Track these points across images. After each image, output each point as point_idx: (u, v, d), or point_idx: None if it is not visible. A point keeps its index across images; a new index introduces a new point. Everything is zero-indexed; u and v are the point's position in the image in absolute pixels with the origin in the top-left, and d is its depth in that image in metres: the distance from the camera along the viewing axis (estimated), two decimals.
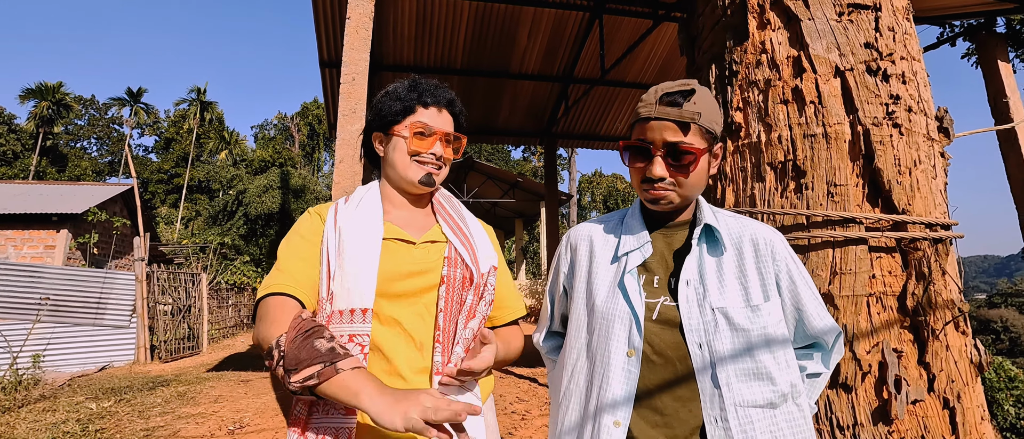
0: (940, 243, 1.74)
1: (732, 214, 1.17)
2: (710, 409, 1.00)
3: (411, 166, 1.21)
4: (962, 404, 1.67)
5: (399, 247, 1.17)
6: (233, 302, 14.03)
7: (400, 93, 1.23)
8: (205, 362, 9.07)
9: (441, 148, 1.23)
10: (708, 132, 1.07)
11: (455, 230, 1.24)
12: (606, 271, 1.15)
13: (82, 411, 5.12)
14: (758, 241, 1.10)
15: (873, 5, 1.84)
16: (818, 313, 1.11)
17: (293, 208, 19.96)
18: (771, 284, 1.07)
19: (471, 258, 1.20)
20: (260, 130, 53.12)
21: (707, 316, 1.04)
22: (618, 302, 1.09)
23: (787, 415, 1.02)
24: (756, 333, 1.02)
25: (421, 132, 1.20)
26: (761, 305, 1.04)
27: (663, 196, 1.09)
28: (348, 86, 3.81)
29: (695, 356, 1.02)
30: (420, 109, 1.22)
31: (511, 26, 6.29)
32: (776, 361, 1.03)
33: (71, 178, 36.74)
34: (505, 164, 40.03)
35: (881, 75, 1.78)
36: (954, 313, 1.72)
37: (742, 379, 1.01)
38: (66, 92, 41.20)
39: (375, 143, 1.28)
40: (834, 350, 1.15)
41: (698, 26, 2.29)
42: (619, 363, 1.05)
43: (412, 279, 1.14)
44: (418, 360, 1.11)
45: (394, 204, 1.26)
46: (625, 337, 1.06)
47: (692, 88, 1.07)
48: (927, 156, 1.80)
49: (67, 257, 13.29)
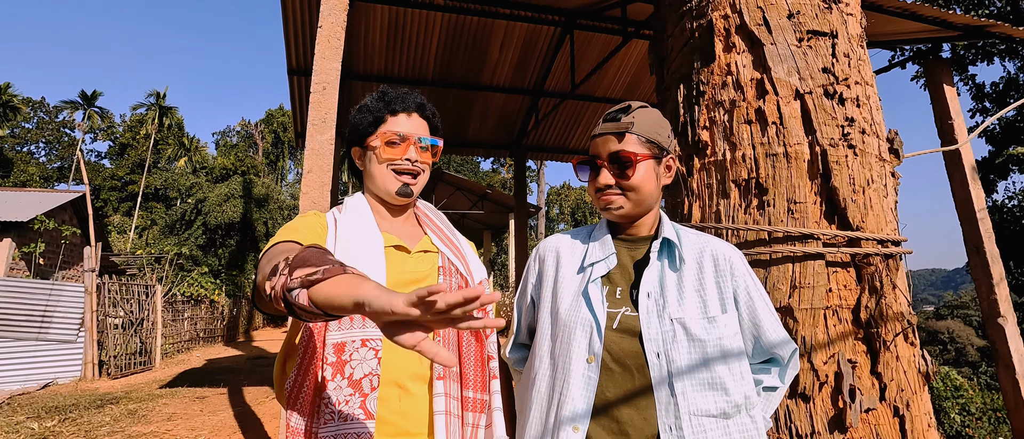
0: (891, 258, 1.83)
1: (694, 231, 1.24)
2: (665, 417, 1.03)
3: (387, 177, 1.22)
4: (911, 412, 1.75)
5: (397, 254, 1.19)
6: (189, 315, 13.51)
7: (371, 105, 1.24)
8: (158, 378, 8.69)
9: (415, 153, 1.23)
10: (649, 141, 1.16)
11: (445, 241, 1.27)
12: (571, 281, 1.20)
13: (22, 431, 4.82)
14: (718, 257, 1.16)
15: (830, 32, 1.95)
16: (774, 328, 1.17)
17: (255, 218, 19.42)
18: (729, 298, 1.13)
19: (465, 269, 1.23)
20: (222, 137, 51.64)
21: (666, 326, 1.08)
22: (581, 310, 1.13)
23: (739, 426, 1.06)
24: (712, 344, 1.07)
25: (392, 141, 1.21)
26: (718, 317, 1.09)
27: (611, 201, 1.17)
28: (318, 95, 3.75)
29: (653, 365, 1.06)
30: (389, 118, 1.23)
31: (483, 39, 6.33)
32: (731, 372, 1.07)
33: (16, 184, 34.83)
34: (474, 175, 40.01)
35: (837, 98, 1.88)
36: (904, 325, 1.81)
37: (697, 389, 1.04)
38: (13, 93, 39.18)
39: (355, 158, 1.29)
40: (789, 365, 1.20)
41: (667, 47, 2.36)
42: (579, 370, 1.09)
43: (411, 287, 1.15)
44: (417, 366, 1.11)
45: (381, 215, 1.27)
46: (586, 344, 1.10)
47: (628, 105, 1.21)
48: (879, 176, 1.90)
49: (10, 268, 12.56)
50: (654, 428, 1.03)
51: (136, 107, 43.04)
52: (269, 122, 47.71)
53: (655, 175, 1.18)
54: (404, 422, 1.07)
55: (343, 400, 1.01)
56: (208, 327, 14.63)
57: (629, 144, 1.16)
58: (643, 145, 1.16)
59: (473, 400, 1.13)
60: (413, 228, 1.30)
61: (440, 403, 1.07)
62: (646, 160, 1.16)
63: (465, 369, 1.14)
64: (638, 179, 1.15)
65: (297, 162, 47.55)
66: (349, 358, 1.04)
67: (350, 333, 1.06)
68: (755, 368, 1.21)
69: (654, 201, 1.20)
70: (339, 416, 1.00)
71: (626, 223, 1.22)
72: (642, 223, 1.22)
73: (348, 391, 1.02)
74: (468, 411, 1.12)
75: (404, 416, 1.07)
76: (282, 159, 47.40)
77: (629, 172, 1.15)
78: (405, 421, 1.07)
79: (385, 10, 5.62)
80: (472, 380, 1.14)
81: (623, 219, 1.20)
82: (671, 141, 1.21)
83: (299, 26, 5.44)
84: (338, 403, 1.01)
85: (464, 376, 1.14)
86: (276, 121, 47.15)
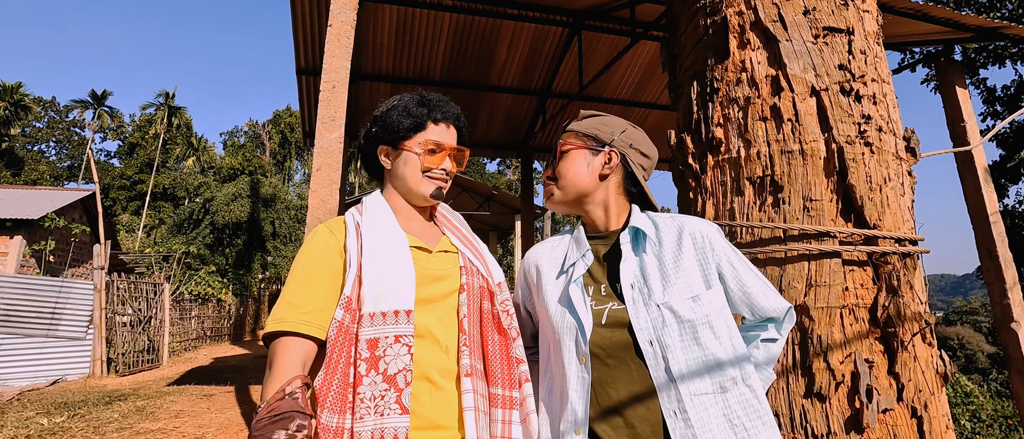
0: (908, 257, 1.81)
1: (668, 214, 1.26)
2: (668, 403, 1.04)
3: (423, 181, 1.25)
4: (929, 413, 1.73)
5: (419, 254, 1.21)
6: (196, 313, 13.58)
7: (411, 109, 1.26)
8: (165, 376, 8.73)
9: (450, 163, 1.29)
10: (586, 135, 1.25)
11: (463, 241, 1.30)
12: (554, 287, 1.23)
13: (32, 427, 4.85)
14: (695, 235, 1.18)
15: (847, 29, 1.93)
16: (764, 293, 1.19)
17: (263, 217, 19.50)
18: (712, 274, 1.14)
19: (485, 269, 1.26)
20: (230, 137, 51.98)
21: (654, 313, 1.09)
22: (566, 314, 1.15)
23: (739, 397, 1.07)
24: (701, 322, 1.08)
25: (433, 149, 1.25)
26: (702, 294, 1.10)
27: (547, 190, 1.30)
28: (328, 94, 3.76)
29: (647, 354, 1.07)
30: (430, 125, 1.26)
31: (491, 39, 6.34)
32: (722, 347, 1.08)
33: (27, 182, 35.16)
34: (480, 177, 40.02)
35: (854, 96, 1.85)
36: (921, 325, 1.79)
37: (693, 368, 1.06)
38: (25, 93, 39.58)
39: (381, 156, 1.31)
40: (786, 320, 1.24)
41: (680, 45, 2.35)
42: (574, 373, 1.11)
43: (436, 284, 1.18)
44: (445, 362, 1.13)
45: (402, 215, 1.29)
46: (574, 346, 1.12)
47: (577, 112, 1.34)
48: (896, 174, 1.88)
49: (21, 265, 12.67)
50: (658, 415, 1.04)
51: (145, 107, 43.40)
52: (276, 123, 47.97)
53: (585, 164, 1.24)
54: (436, 416, 1.09)
55: (379, 395, 1.02)
56: (215, 326, 14.69)
57: (566, 141, 1.27)
58: (578, 138, 1.26)
59: (502, 397, 1.14)
60: (432, 229, 1.33)
61: (469, 399, 1.09)
62: (577, 150, 1.25)
63: (491, 367, 1.16)
64: (563, 167, 1.25)
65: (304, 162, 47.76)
66: (383, 354, 1.06)
67: (383, 329, 1.08)
68: (752, 325, 1.26)
69: (588, 189, 1.24)
70: (375, 411, 1.01)
71: (584, 217, 1.29)
72: (604, 217, 1.26)
73: (383, 386, 1.03)
74: (497, 408, 1.13)
75: (436, 410, 1.09)
76: (289, 159, 47.63)
77: (558, 161, 1.27)
78: (437, 415, 1.09)
79: (393, 10, 5.64)
80: (500, 378, 1.15)
81: (560, 208, 1.29)
82: (617, 137, 1.26)
83: (308, 26, 5.46)
84: (374, 398, 1.02)
85: (491, 374, 1.16)
86: (283, 122, 47.39)
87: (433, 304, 1.17)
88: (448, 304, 1.19)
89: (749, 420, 1.05)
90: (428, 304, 1.16)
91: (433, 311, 1.16)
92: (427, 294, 1.16)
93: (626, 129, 1.27)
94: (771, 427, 1.07)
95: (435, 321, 1.15)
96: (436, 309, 1.17)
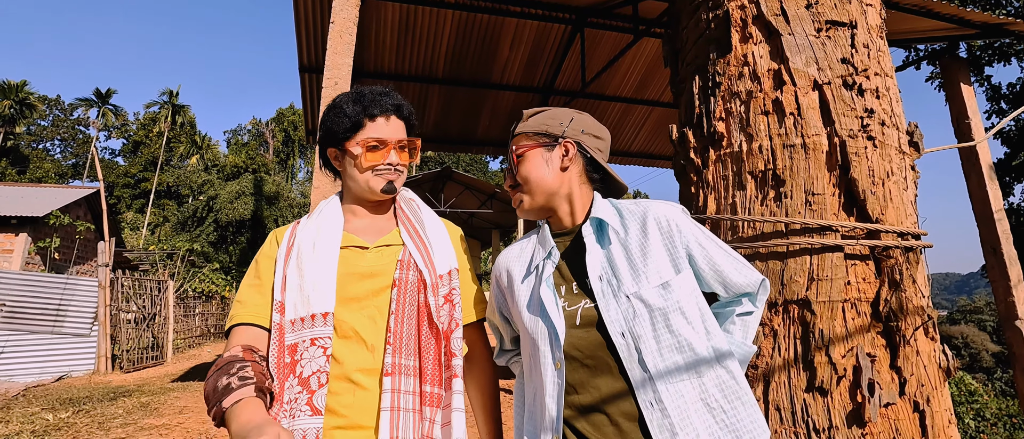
0: (911, 252, 1.80)
1: (633, 201, 1.24)
2: (644, 395, 1.02)
3: (372, 179, 1.23)
4: (932, 407, 1.72)
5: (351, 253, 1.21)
6: (200, 311, 13.64)
7: (346, 109, 1.23)
8: (169, 372, 8.77)
9: (396, 156, 1.25)
10: (536, 134, 1.21)
11: (412, 232, 1.26)
12: (525, 290, 1.20)
13: (37, 422, 4.88)
14: (660, 218, 1.16)
15: (849, 22, 1.92)
16: (737, 269, 1.18)
17: (266, 215, 19.56)
18: (681, 257, 1.12)
19: (425, 261, 1.21)
20: (233, 135, 52.08)
21: (624, 305, 1.07)
22: (539, 321, 1.13)
23: (715, 379, 1.05)
24: (672, 309, 1.06)
25: (374, 147, 1.22)
26: (672, 281, 1.08)
27: (516, 199, 1.24)
28: (330, 91, 3.77)
29: (620, 346, 1.05)
30: (368, 122, 1.23)
31: (493, 37, 6.33)
32: (695, 331, 1.07)
33: (32, 180, 35.33)
34: (483, 175, 40.04)
35: (856, 89, 1.85)
36: (924, 319, 1.78)
37: (667, 357, 1.04)
38: (30, 91, 39.75)
39: (331, 159, 1.30)
40: (760, 291, 1.22)
41: (682, 39, 2.34)
42: (550, 377, 1.09)
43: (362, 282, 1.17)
44: (369, 361, 1.12)
45: (355, 213, 1.29)
46: (549, 351, 1.10)
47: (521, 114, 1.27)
48: (899, 168, 1.87)
49: (26, 262, 12.73)
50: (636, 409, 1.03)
51: (149, 105, 43.56)
52: (280, 121, 48.06)
53: (544, 162, 1.20)
54: (356, 415, 1.09)
55: (293, 398, 1.06)
56: (219, 323, 14.75)
57: (519, 144, 1.23)
58: (530, 139, 1.22)
59: (431, 395, 1.12)
60: (386, 222, 1.31)
61: (387, 399, 1.08)
62: (532, 150, 1.21)
63: (423, 364, 1.13)
64: (524, 171, 1.20)
65: (307, 160, 47.83)
66: (300, 357, 1.09)
67: (301, 333, 1.10)
68: (727, 301, 1.24)
69: (554, 186, 1.20)
70: (289, 413, 1.04)
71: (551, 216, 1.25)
72: (569, 211, 1.22)
73: (297, 389, 1.06)
74: (427, 406, 1.11)
75: (356, 409, 1.09)
76: (292, 157, 47.72)
77: (519, 164, 1.22)
78: (357, 414, 1.09)
79: (396, 7, 5.64)
80: (430, 375, 1.13)
81: (533, 213, 1.24)
82: (566, 127, 1.21)
83: (310, 24, 5.47)
84: (289, 401, 1.05)
85: (422, 371, 1.13)
86: (286, 120, 47.48)
87: (360, 302, 1.16)
88: (379, 301, 1.17)
89: (727, 402, 1.03)
90: (354, 303, 1.15)
91: (361, 309, 1.15)
92: (354, 293, 1.15)
93: (573, 117, 1.24)
94: (750, 407, 1.05)
95: (363, 320, 1.15)
96: (364, 307, 1.16)
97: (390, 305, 1.15)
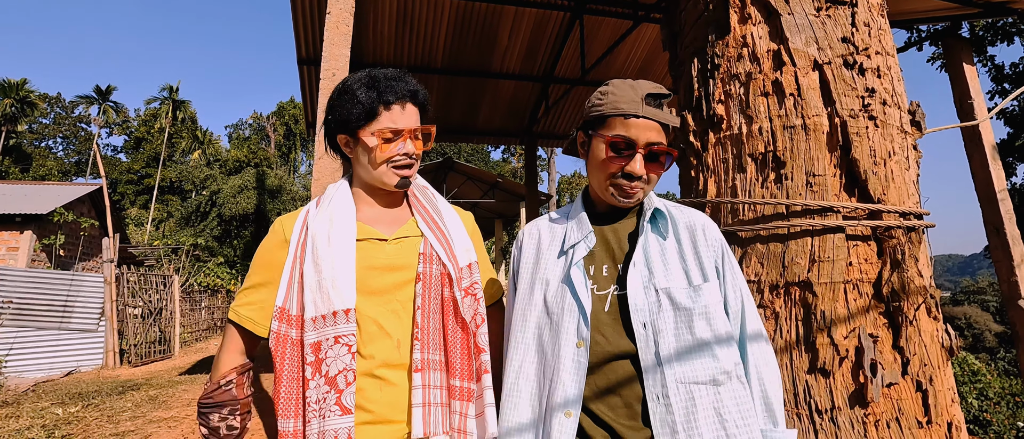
0: (913, 232, 1.80)
1: (673, 203, 1.24)
2: (652, 386, 1.03)
3: (386, 172, 1.19)
4: (934, 387, 1.72)
5: (370, 245, 1.17)
6: (206, 304, 13.72)
7: (359, 95, 1.16)
8: (177, 366, 8.84)
9: (411, 146, 1.20)
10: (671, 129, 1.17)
11: (430, 224, 1.23)
12: (554, 266, 1.19)
13: (47, 417, 4.93)
14: (695, 227, 1.17)
15: (850, 1, 1.90)
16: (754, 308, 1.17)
17: (269, 209, 19.61)
18: (710, 267, 1.13)
19: (448, 254, 1.19)
20: (235, 130, 52.05)
21: (652, 297, 1.08)
22: (566, 296, 1.12)
23: (732, 393, 1.06)
24: (698, 311, 1.07)
25: (390, 138, 1.17)
26: (702, 285, 1.09)
27: (636, 193, 1.15)
28: (328, 82, 3.75)
29: (639, 336, 1.06)
30: (383, 111, 1.17)
31: (492, 25, 6.29)
32: (718, 338, 1.07)
33: (36, 178, 35.43)
34: (485, 165, 39.95)
35: (857, 69, 1.83)
36: (926, 299, 1.78)
37: (684, 356, 1.05)
38: (31, 89, 39.66)
39: (342, 145, 1.25)
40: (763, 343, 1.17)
41: (680, 22, 2.32)
42: (569, 354, 1.09)
43: (384, 276, 1.15)
44: (395, 356, 1.11)
45: (366, 202, 1.24)
46: (574, 330, 1.10)
47: (669, 93, 1.15)
48: (901, 148, 1.86)
49: (31, 259, 12.80)
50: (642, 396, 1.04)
51: (150, 101, 43.45)
52: (280, 114, 47.98)
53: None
54: (386, 411, 1.09)
55: (322, 397, 1.04)
56: (224, 316, 14.84)
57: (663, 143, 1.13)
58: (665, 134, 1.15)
59: (461, 388, 1.12)
60: (401, 211, 1.28)
61: (418, 395, 1.08)
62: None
63: (451, 358, 1.13)
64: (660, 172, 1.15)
65: (309, 153, 47.81)
66: (325, 356, 1.07)
67: (324, 331, 1.08)
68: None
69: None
70: (319, 414, 1.04)
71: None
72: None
73: (325, 388, 1.05)
74: (456, 400, 1.11)
75: (384, 405, 1.09)
76: (294, 151, 47.70)
77: (661, 168, 1.14)
78: (386, 409, 1.09)
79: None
80: (459, 369, 1.13)
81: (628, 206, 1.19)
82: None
83: (308, 15, 5.43)
84: (318, 401, 1.04)
85: (450, 365, 1.13)
86: (287, 113, 47.41)
87: (384, 296, 1.14)
88: (403, 295, 1.15)
89: (743, 419, 1.04)
90: (377, 297, 1.14)
91: (385, 304, 1.14)
92: (376, 286, 1.13)
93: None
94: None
95: (387, 314, 1.13)
96: (388, 302, 1.14)
97: (415, 299, 1.14)
